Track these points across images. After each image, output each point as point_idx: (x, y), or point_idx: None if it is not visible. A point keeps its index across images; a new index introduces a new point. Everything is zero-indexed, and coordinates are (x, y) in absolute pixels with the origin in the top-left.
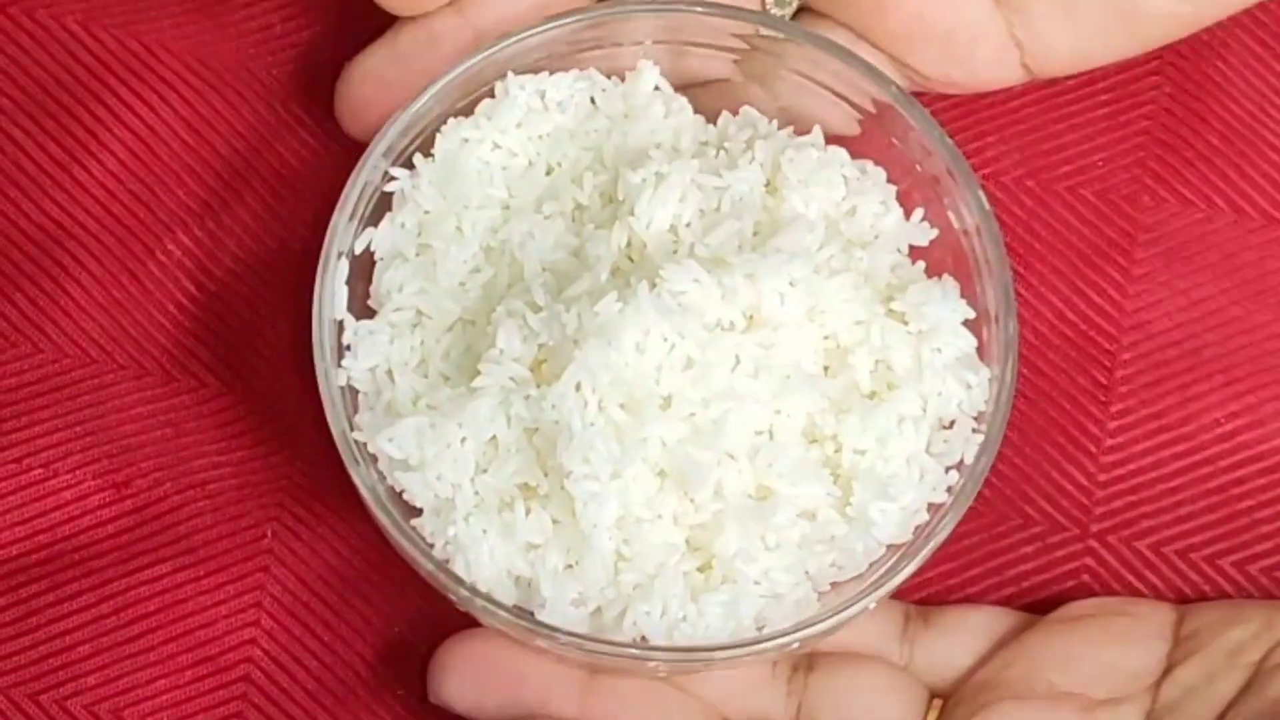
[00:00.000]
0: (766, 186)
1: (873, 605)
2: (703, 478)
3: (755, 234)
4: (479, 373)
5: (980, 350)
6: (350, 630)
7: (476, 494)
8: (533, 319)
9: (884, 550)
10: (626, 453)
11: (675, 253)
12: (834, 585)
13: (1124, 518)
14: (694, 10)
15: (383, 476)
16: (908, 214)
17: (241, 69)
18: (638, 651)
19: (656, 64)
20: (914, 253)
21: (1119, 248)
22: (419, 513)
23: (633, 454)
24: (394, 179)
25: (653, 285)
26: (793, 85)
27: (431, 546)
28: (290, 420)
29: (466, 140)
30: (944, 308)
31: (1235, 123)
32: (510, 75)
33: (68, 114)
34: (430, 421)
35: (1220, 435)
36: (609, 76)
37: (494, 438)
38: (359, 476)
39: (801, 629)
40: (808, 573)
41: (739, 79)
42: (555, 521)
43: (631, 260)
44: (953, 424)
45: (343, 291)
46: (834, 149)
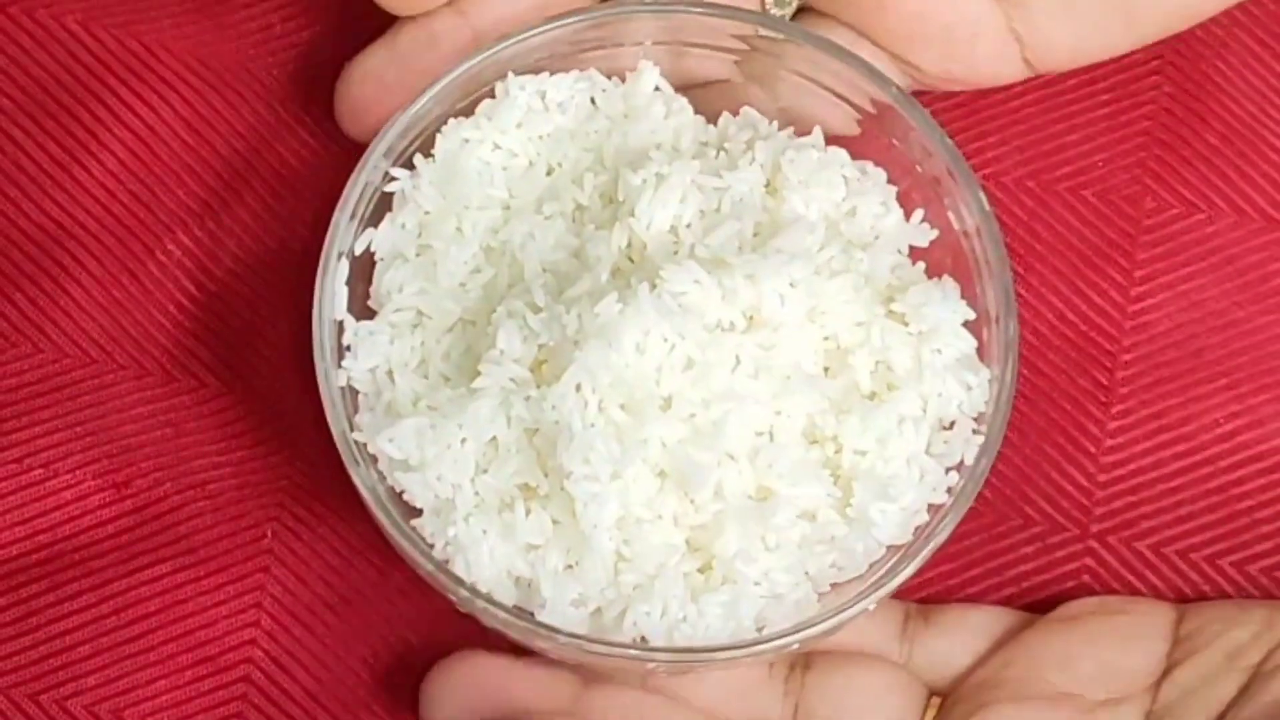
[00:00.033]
0: (767, 187)
1: (873, 606)
2: (703, 478)
3: (755, 235)
4: (479, 373)
5: (980, 351)
6: (350, 630)
7: (476, 494)
8: (533, 320)
9: (884, 551)
10: (627, 453)
11: (675, 253)
12: (834, 586)
13: (1124, 518)
14: (694, 11)
15: (383, 477)
16: (908, 215)
17: (241, 69)
18: (637, 652)
19: (657, 64)
20: (914, 253)
21: (1120, 248)
22: (419, 513)
23: (633, 454)
24: (394, 179)
25: (653, 286)
26: (793, 86)
27: (431, 547)
28: (290, 420)
29: (467, 141)
30: (944, 309)
31: (1235, 123)
32: (510, 75)
33: (68, 114)
34: (430, 422)
35: (1220, 436)
36: (609, 77)
37: (494, 438)
38: (359, 477)
39: (801, 629)
40: (808, 573)
41: (739, 80)
42: (555, 522)
43: (632, 261)
44: (953, 425)
45: (343, 292)
46: (834, 150)
